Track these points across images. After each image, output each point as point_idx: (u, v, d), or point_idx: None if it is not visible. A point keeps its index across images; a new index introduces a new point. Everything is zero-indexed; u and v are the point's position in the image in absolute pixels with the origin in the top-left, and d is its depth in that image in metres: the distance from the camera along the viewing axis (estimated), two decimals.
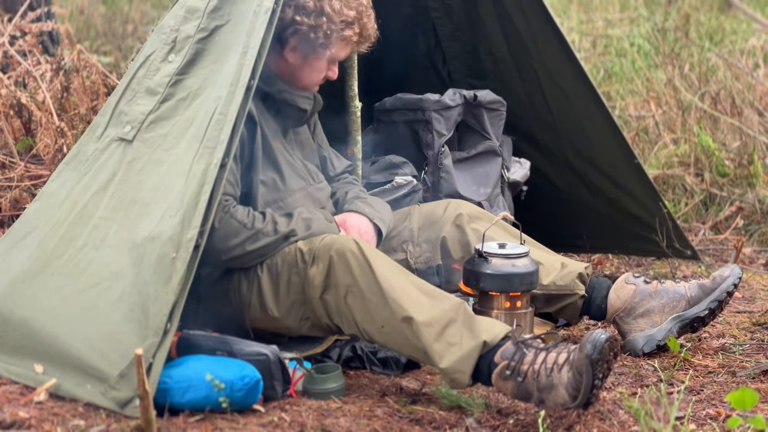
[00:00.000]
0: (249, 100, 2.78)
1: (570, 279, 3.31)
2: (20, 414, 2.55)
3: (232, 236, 2.91)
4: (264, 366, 2.75)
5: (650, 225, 4.04)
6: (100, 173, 2.90)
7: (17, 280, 2.84)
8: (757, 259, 4.57)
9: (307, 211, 3.06)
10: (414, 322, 2.75)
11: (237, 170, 2.98)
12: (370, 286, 2.79)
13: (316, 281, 2.85)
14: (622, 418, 2.77)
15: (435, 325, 2.74)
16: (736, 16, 8.30)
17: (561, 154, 4.07)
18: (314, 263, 2.86)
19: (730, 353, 3.37)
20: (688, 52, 6.20)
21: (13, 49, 4.74)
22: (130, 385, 2.57)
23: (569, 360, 2.66)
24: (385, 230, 3.23)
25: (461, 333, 2.74)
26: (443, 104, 3.82)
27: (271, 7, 2.82)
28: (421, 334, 2.74)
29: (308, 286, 2.87)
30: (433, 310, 2.76)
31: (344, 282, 2.81)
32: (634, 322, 3.31)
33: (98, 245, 2.78)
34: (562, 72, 3.88)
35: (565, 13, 8.05)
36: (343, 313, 2.83)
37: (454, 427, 2.72)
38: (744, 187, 5.02)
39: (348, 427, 2.67)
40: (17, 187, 4.18)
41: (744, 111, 5.43)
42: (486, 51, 4.02)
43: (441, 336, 2.74)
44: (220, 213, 2.90)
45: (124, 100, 2.96)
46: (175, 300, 2.60)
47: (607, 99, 6.01)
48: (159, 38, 2.99)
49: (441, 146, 3.79)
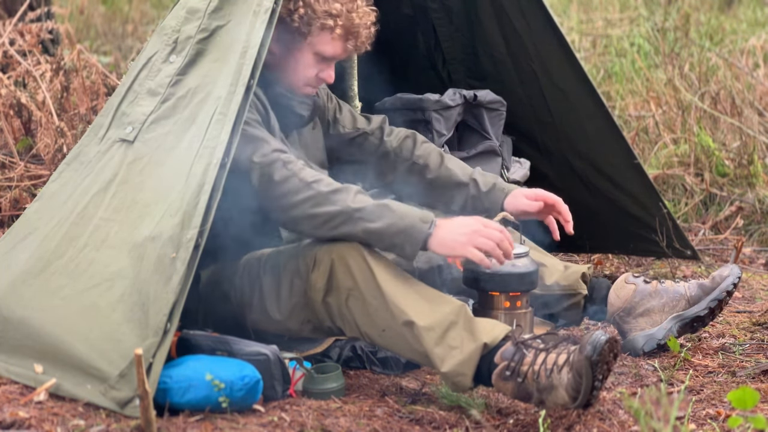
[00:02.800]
0: (249, 99, 2.78)
1: (574, 279, 3.32)
2: (20, 414, 2.55)
3: (293, 193, 2.79)
4: (264, 366, 2.75)
5: (650, 225, 4.04)
6: (101, 174, 2.90)
7: (18, 280, 2.84)
8: (757, 259, 4.58)
9: (395, 203, 2.83)
10: (415, 326, 2.74)
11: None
12: (371, 290, 2.78)
13: (318, 285, 2.83)
14: (622, 418, 2.77)
15: (436, 329, 2.74)
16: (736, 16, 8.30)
17: (560, 155, 4.07)
18: (315, 267, 2.84)
19: (730, 353, 3.37)
20: (688, 52, 6.19)
21: (13, 49, 4.74)
22: (130, 385, 2.57)
23: (569, 361, 2.66)
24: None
25: (462, 336, 2.74)
26: (443, 104, 3.82)
27: (271, 7, 2.82)
28: (422, 338, 2.74)
29: (310, 290, 2.85)
30: (434, 314, 2.76)
31: (345, 285, 2.80)
32: (634, 322, 3.31)
33: (99, 246, 2.78)
34: (561, 73, 3.88)
35: (565, 13, 8.05)
36: (345, 316, 2.83)
37: (454, 427, 2.72)
38: (744, 187, 5.02)
39: (348, 427, 2.67)
40: (17, 187, 4.19)
41: (744, 111, 5.43)
42: (485, 52, 4.02)
43: (442, 340, 2.73)
44: (281, 168, 2.79)
45: (126, 102, 2.97)
46: (175, 300, 2.60)
47: (607, 99, 6.01)
48: (160, 39, 2.99)
49: (441, 146, 3.79)
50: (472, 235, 2.81)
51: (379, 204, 2.79)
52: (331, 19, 2.99)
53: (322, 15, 2.99)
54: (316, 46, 3.02)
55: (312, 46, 3.02)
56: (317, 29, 3.00)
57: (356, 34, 3.04)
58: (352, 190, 2.80)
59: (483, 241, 2.81)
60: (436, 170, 3.32)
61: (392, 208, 2.79)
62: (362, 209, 2.77)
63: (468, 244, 2.80)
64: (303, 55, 3.04)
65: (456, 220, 2.85)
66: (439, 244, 2.80)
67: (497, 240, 2.82)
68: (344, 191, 2.79)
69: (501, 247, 2.83)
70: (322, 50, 3.03)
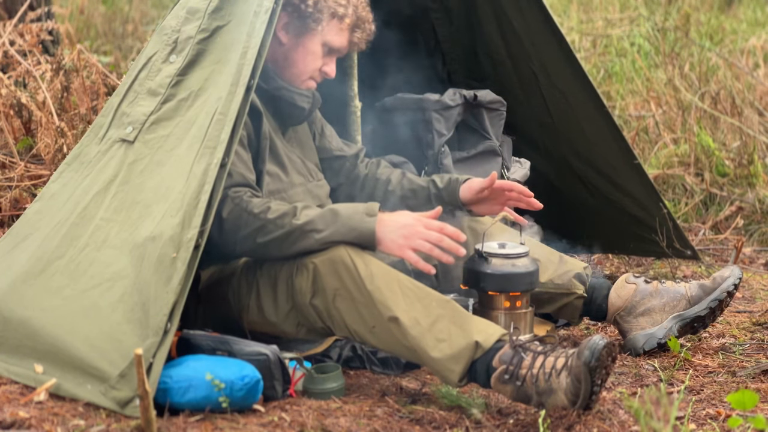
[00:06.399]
0: (249, 99, 2.78)
1: (567, 278, 3.32)
2: (20, 414, 2.55)
3: (242, 227, 2.85)
4: (264, 366, 2.75)
5: (650, 225, 4.04)
6: (101, 174, 2.90)
7: (18, 280, 2.84)
8: (757, 259, 4.58)
9: (341, 205, 2.90)
10: (400, 322, 2.75)
11: (248, 158, 2.95)
12: (357, 288, 2.78)
13: (304, 288, 2.84)
14: (622, 418, 2.77)
15: (422, 323, 2.75)
16: (736, 16, 8.30)
17: (560, 155, 4.07)
18: (298, 272, 2.85)
19: (730, 353, 3.37)
20: (688, 52, 6.20)
21: (14, 49, 4.74)
22: (130, 385, 2.57)
23: (567, 365, 2.66)
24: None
25: (449, 330, 2.74)
26: (443, 104, 3.82)
27: (271, 7, 2.82)
28: (408, 332, 2.74)
29: (297, 294, 2.86)
30: (419, 308, 2.76)
31: (331, 286, 2.81)
32: (635, 321, 3.32)
33: (99, 246, 2.78)
34: (561, 73, 3.88)
35: (565, 13, 8.05)
36: (333, 316, 2.83)
37: (454, 427, 2.72)
38: (744, 187, 5.03)
39: (348, 427, 2.67)
40: (17, 187, 4.19)
41: (744, 111, 5.43)
42: (484, 53, 4.02)
43: (428, 333, 2.74)
44: (230, 204, 2.84)
45: (126, 102, 2.97)
46: (175, 300, 2.60)
47: (607, 99, 6.01)
48: (160, 39, 2.99)
49: (441, 146, 3.79)
50: (409, 237, 2.83)
51: (325, 212, 2.84)
52: (341, 7, 3.07)
53: (333, 3, 3.06)
54: (326, 35, 3.08)
55: (322, 35, 3.08)
56: (328, 17, 3.07)
57: (362, 26, 3.13)
58: (297, 208, 2.85)
59: (420, 243, 2.83)
60: (398, 183, 3.37)
61: (338, 212, 2.84)
62: (309, 222, 2.82)
63: (405, 247, 2.83)
64: (313, 43, 3.09)
65: (397, 218, 2.87)
66: (379, 241, 2.84)
67: (435, 241, 2.83)
68: (289, 213, 2.84)
69: (442, 245, 2.84)
70: (331, 40, 3.09)
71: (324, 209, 2.86)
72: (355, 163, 3.41)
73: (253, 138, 3.00)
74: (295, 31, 3.08)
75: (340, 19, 3.08)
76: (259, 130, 3.02)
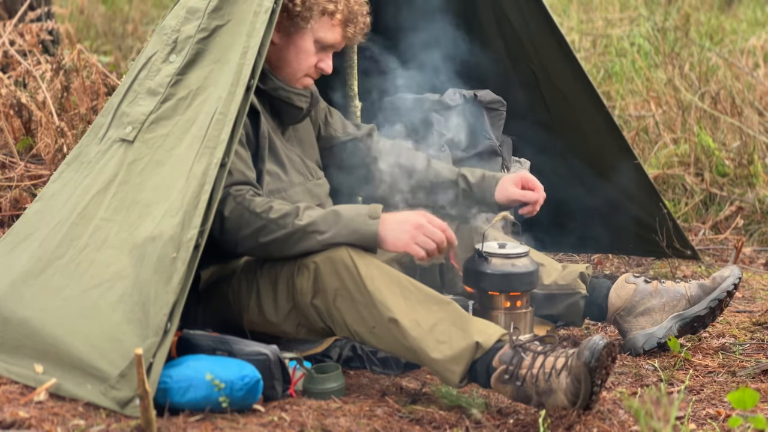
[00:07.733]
0: (249, 99, 2.78)
1: (572, 278, 3.32)
2: (20, 414, 2.55)
3: (243, 226, 2.85)
4: (264, 366, 2.75)
5: (650, 225, 4.04)
6: (101, 174, 2.90)
7: (18, 281, 2.84)
8: (757, 259, 4.58)
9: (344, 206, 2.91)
10: (399, 323, 2.75)
11: (248, 156, 2.95)
12: (357, 288, 2.79)
13: (304, 288, 2.84)
14: (622, 418, 2.77)
15: (422, 325, 2.75)
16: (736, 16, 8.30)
17: (560, 155, 4.06)
18: (299, 272, 2.85)
19: (730, 353, 3.37)
20: (688, 52, 6.20)
21: (14, 48, 4.74)
22: (130, 385, 2.57)
23: (567, 365, 2.66)
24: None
25: (450, 331, 2.74)
26: (443, 104, 3.82)
27: (271, 7, 2.82)
28: (408, 334, 2.74)
29: (297, 294, 2.86)
30: (419, 310, 2.77)
31: (332, 286, 2.81)
32: (635, 321, 3.32)
33: (99, 246, 2.78)
34: (561, 73, 3.88)
35: (565, 13, 8.05)
36: (334, 316, 2.83)
37: (454, 427, 2.72)
38: (744, 187, 5.03)
39: (348, 427, 2.67)
40: (17, 187, 4.19)
41: (744, 111, 5.43)
42: (485, 52, 4.01)
43: (429, 334, 2.74)
44: (232, 203, 2.84)
45: (126, 102, 2.97)
46: (175, 300, 2.60)
47: (607, 99, 6.01)
48: (160, 39, 2.99)
49: (441, 146, 3.79)
50: (415, 232, 2.86)
51: (327, 213, 2.85)
52: (331, 4, 3.03)
53: (323, 0, 3.02)
54: (317, 32, 3.05)
55: (313, 32, 3.05)
56: (318, 14, 3.04)
57: (354, 21, 3.09)
58: (300, 209, 2.85)
59: (424, 239, 2.86)
60: (423, 172, 3.34)
61: (341, 213, 2.84)
62: (312, 223, 2.83)
63: (410, 242, 2.85)
64: (304, 42, 3.06)
65: (399, 215, 2.89)
66: (382, 240, 2.85)
67: (438, 240, 2.86)
68: (292, 213, 2.84)
69: (440, 249, 2.87)
70: (323, 37, 3.06)
71: (326, 210, 2.86)
72: (369, 144, 3.37)
73: (251, 137, 3.00)
74: (285, 30, 3.05)
75: (330, 15, 3.05)
76: (258, 129, 3.01)
